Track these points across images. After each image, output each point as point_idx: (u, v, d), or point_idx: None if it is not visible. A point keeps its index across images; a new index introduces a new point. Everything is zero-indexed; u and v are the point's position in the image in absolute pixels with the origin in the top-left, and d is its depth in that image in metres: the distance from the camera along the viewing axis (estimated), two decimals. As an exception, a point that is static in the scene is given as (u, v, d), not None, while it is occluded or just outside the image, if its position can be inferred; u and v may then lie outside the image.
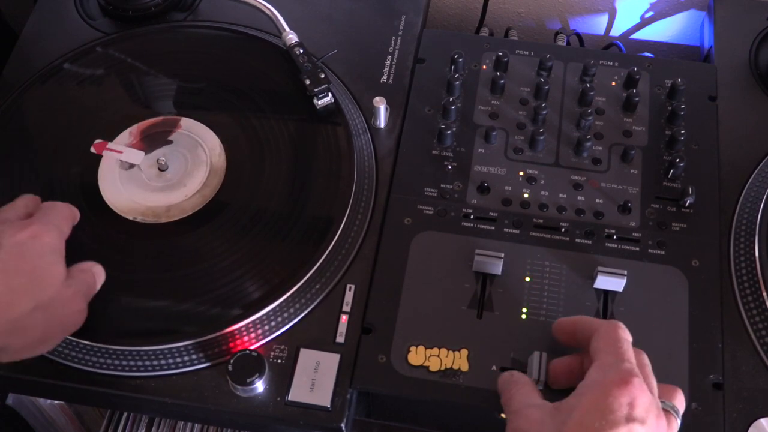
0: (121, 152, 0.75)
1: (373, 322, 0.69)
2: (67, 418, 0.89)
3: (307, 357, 0.67)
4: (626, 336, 0.60)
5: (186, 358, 0.67)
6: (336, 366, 0.66)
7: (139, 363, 0.67)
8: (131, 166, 0.76)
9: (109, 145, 0.76)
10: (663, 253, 0.72)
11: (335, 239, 0.71)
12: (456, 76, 0.80)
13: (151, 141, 0.78)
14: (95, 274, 0.66)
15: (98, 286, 0.66)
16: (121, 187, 0.75)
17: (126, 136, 0.78)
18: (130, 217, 0.73)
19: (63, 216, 0.66)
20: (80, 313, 0.63)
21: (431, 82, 0.82)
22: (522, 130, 0.79)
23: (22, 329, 0.59)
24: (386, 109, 0.78)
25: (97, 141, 0.76)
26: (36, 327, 0.59)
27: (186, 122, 0.78)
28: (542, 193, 0.75)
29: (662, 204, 0.74)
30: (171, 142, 0.77)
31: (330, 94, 0.78)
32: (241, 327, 0.67)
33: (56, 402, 0.86)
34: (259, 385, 0.65)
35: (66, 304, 0.62)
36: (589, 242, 0.73)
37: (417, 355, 0.67)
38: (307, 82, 0.78)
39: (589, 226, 0.73)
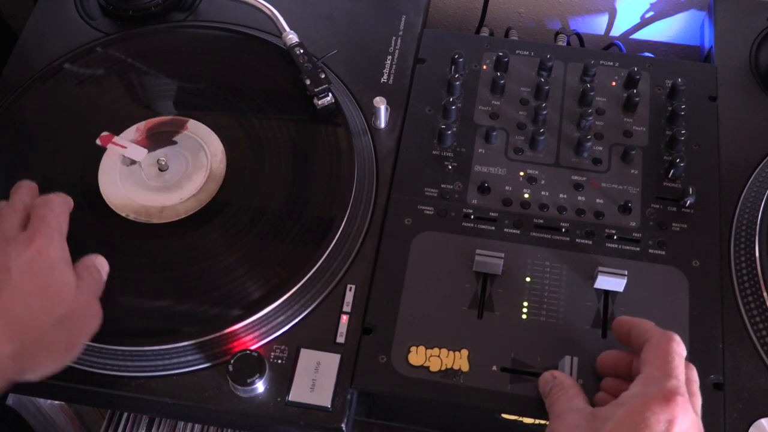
0: (125, 147, 0.76)
1: (373, 322, 0.69)
2: (67, 418, 0.89)
3: (307, 357, 0.67)
4: (679, 350, 0.58)
5: (186, 359, 0.67)
6: (336, 366, 0.66)
7: (140, 363, 0.67)
8: (133, 162, 0.76)
9: (115, 138, 0.76)
10: (663, 253, 0.72)
11: (335, 239, 0.71)
12: (456, 76, 0.80)
13: (156, 139, 0.78)
14: (99, 266, 0.66)
15: (105, 277, 0.66)
16: (120, 184, 0.75)
17: (132, 132, 0.78)
18: (123, 214, 0.73)
19: (60, 213, 0.65)
20: (96, 316, 0.63)
21: (431, 82, 0.82)
22: (522, 130, 0.79)
23: (46, 348, 0.58)
24: (386, 109, 0.78)
25: (104, 133, 0.76)
26: (59, 341, 0.59)
27: (193, 124, 0.78)
28: (542, 193, 0.75)
29: (663, 204, 0.74)
30: (175, 142, 0.77)
31: (330, 94, 0.78)
32: (242, 327, 0.67)
33: (56, 402, 0.86)
34: (260, 386, 0.65)
35: (83, 311, 0.61)
36: (590, 242, 0.73)
37: (417, 356, 0.67)
38: (308, 82, 0.78)
39: (590, 226, 0.73)
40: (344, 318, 0.69)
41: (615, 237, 0.73)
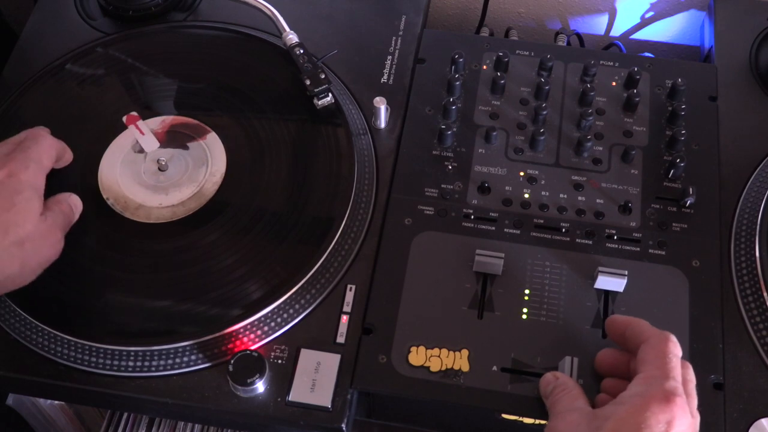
0: (143, 134, 0.77)
1: (373, 322, 0.69)
2: (67, 418, 0.89)
3: (307, 357, 0.67)
4: (676, 350, 0.59)
5: (187, 359, 0.67)
6: (336, 366, 0.66)
7: (140, 363, 0.67)
8: (141, 150, 0.76)
9: (139, 122, 0.77)
10: (663, 253, 0.72)
11: (335, 239, 0.71)
12: (456, 76, 0.80)
13: (172, 138, 0.78)
14: (72, 205, 0.69)
15: (76, 216, 0.69)
16: (118, 167, 0.76)
17: (157, 122, 0.78)
18: (104, 196, 0.74)
19: (43, 150, 0.68)
20: (56, 245, 0.65)
21: (431, 82, 0.82)
22: (522, 130, 0.79)
23: (0, 263, 0.61)
24: (386, 109, 0.78)
25: (132, 113, 0.78)
26: (14, 261, 0.62)
27: (212, 137, 0.78)
28: (543, 193, 0.75)
29: (663, 204, 0.74)
30: (187, 148, 0.77)
31: (330, 95, 0.78)
32: (242, 327, 0.67)
33: (56, 402, 0.86)
34: (260, 386, 0.65)
35: (42, 237, 0.64)
36: (590, 242, 0.73)
37: (417, 356, 0.67)
38: (308, 82, 0.78)
39: (590, 227, 0.73)
40: (344, 318, 0.69)
41: (615, 237, 0.73)
